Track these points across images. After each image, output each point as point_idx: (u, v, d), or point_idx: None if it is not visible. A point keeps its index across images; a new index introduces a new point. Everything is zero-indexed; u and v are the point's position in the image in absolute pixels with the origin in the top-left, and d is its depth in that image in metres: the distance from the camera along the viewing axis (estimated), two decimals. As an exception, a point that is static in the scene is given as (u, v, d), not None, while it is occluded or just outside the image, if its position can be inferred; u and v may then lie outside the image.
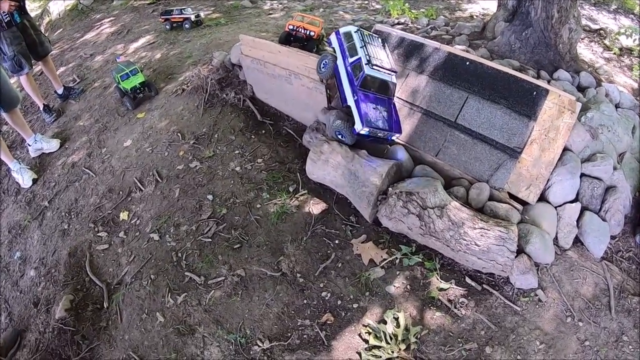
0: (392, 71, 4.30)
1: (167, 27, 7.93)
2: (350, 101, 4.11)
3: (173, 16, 7.83)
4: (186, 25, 7.83)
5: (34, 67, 5.97)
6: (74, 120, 6.05)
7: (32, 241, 4.72)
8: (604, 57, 6.51)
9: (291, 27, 5.59)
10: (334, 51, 4.43)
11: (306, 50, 5.49)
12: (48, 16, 10.83)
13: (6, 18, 5.27)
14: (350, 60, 4.19)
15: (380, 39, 4.55)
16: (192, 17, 7.78)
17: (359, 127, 3.98)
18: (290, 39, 5.63)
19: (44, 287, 4.26)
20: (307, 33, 5.51)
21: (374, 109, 4.10)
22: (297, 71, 4.72)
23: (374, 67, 4.11)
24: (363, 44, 4.21)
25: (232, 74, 5.77)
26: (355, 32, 4.33)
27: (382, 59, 4.26)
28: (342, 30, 4.45)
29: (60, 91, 6.45)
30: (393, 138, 4.32)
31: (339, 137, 4.30)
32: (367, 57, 4.12)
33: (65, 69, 7.49)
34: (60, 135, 5.86)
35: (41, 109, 6.18)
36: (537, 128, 3.98)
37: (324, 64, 4.41)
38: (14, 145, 5.98)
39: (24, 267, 4.54)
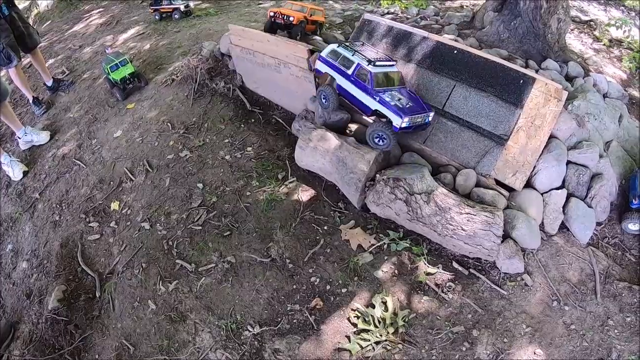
0: (393, 60, 4.30)
1: (157, 17, 7.89)
2: (375, 105, 3.99)
3: (162, 6, 7.79)
4: (175, 16, 7.80)
5: (22, 59, 5.93)
6: (63, 112, 6.03)
7: (24, 233, 4.72)
8: (593, 48, 6.55)
9: (272, 13, 5.66)
10: (328, 78, 4.39)
11: (290, 36, 5.54)
12: (36, 8, 10.72)
13: None
14: (350, 70, 4.14)
15: (362, 43, 4.55)
16: (182, 7, 7.75)
17: (398, 121, 3.84)
18: (274, 27, 5.69)
19: (36, 279, 4.27)
20: (286, 19, 5.52)
21: (399, 100, 4.01)
22: (285, 60, 4.74)
23: (377, 64, 4.07)
24: (353, 52, 4.20)
25: (221, 63, 5.78)
26: (338, 47, 4.33)
27: (377, 56, 4.25)
28: (324, 53, 4.41)
29: (49, 83, 6.41)
30: (429, 119, 4.17)
31: (379, 142, 4.09)
32: (365, 59, 4.10)
33: (54, 61, 7.43)
34: (50, 127, 5.83)
35: (30, 101, 6.13)
36: (523, 116, 4.02)
37: (324, 96, 4.37)
38: (3, 138, 5.95)
39: (16, 260, 4.54)
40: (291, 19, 5.50)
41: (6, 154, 5.33)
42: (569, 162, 4.17)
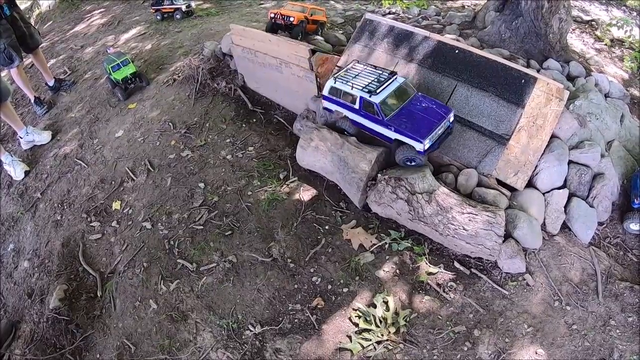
0: (392, 74, 4.11)
1: (158, 17, 7.90)
2: (393, 134, 3.91)
3: (164, 7, 7.80)
4: (177, 16, 7.80)
5: (24, 59, 5.94)
6: (65, 112, 6.04)
7: (25, 233, 4.73)
8: (595, 47, 6.54)
9: (272, 14, 5.68)
10: (340, 116, 4.30)
11: (291, 36, 5.56)
12: (38, 8, 10.74)
13: None
14: (357, 105, 4.03)
15: (355, 62, 4.41)
16: (183, 8, 7.75)
17: (419, 146, 3.75)
18: (275, 27, 5.71)
19: (37, 278, 4.28)
20: (286, 19, 5.55)
21: (413, 120, 3.87)
22: (287, 60, 4.74)
23: (379, 91, 3.92)
24: (350, 85, 4.02)
25: (223, 63, 5.79)
26: (334, 83, 4.15)
27: (375, 75, 4.10)
28: (325, 92, 4.26)
29: (51, 83, 6.43)
30: (451, 120, 4.04)
31: (411, 163, 3.99)
32: (365, 89, 3.95)
33: (55, 61, 7.45)
34: (51, 127, 5.85)
35: (32, 101, 6.16)
36: (525, 115, 4.02)
37: (344, 129, 4.30)
38: (5, 138, 5.96)
39: (18, 259, 4.56)
40: (291, 19, 5.52)
41: (8, 154, 5.35)
42: (570, 162, 4.16)
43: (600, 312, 3.52)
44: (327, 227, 4.15)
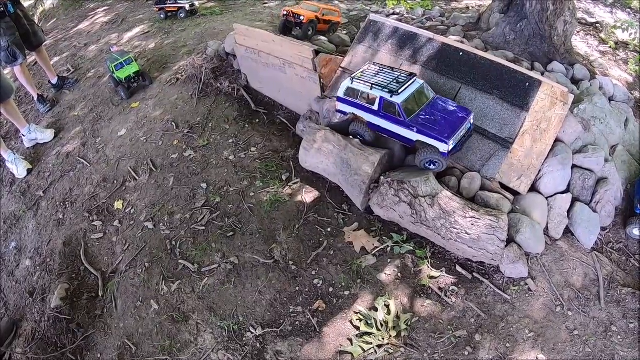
0: (412, 75, 4.01)
1: (162, 16, 7.88)
2: (415, 136, 3.83)
3: (167, 5, 7.79)
4: (181, 15, 7.80)
5: (27, 57, 5.94)
6: (68, 110, 6.04)
7: (27, 231, 4.74)
8: (599, 50, 6.52)
9: (285, 12, 5.74)
10: (353, 117, 4.19)
11: (301, 34, 5.64)
12: (42, 6, 10.75)
13: (0, 9, 5.23)
14: (375, 106, 3.92)
15: (371, 64, 4.29)
16: (187, 6, 7.74)
17: (444, 147, 3.68)
18: (288, 26, 5.78)
19: (39, 277, 4.29)
20: (296, 17, 5.60)
21: (435, 121, 3.80)
22: (291, 60, 4.73)
23: (401, 91, 3.82)
24: (370, 85, 3.91)
25: (226, 63, 5.78)
26: (352, 83, 4.02)
27: (393, 77, 3.99)
28: (340, 92, 4.14)
29: (54, 81, 6.43)
30: (471, 124, 3.99)
31: (432, 166, 3.93)
32: (385, 89, 3.85)
33: (59, 59, 7.45)
34: (54, 125, 5.85)
35: (35, 99, 6.16)
36: (529, 119, 4.01)
37: (358, 133, 4.20)
38: (8, 136, 5.97)
39: (20, 257, 4.56)
40: (301, 17, 5.55)
41: (10, 152, 5.36)
42: (574, 166, 4.15)
43: (602, 318, 3.51)
44: (329, 230, 4.15)
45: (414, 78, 3.99)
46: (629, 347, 3.33)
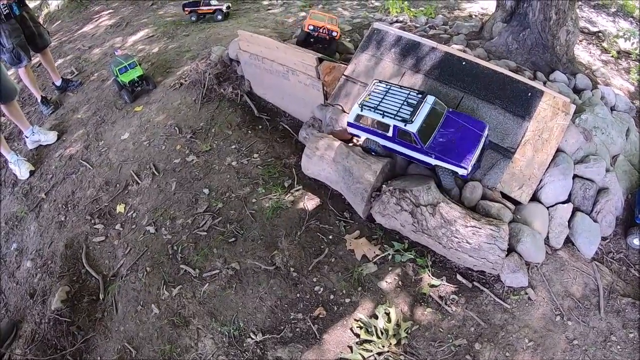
0: (422, 94, 3.92)
1: (193, 18, 7.80)
2: (432, 161, 3.84)
3: (201, 8, 7.76)
4: (218, 17, 7.76)
5: (32, 59, 5.96)
6: (71, 113, 6.07)
7: (29, 233, 4.75)
8: (601, 59, 6.54)
9: (311, 27, 5.38)
10: (371, 142, 4.14)
11: (328, 52, 5.40)
12: (47, 8, 10.78)
13: (5, 10, 5.25)
14: (390, 133, 3.87)
15: (377, 81, 4.18)
16: (224, 8, 7.75)
17: (463, 171, 3.71)
18: (310, 40, 5.50)
19: (40, 279, 4.30)
20: (330, 34, 5.41)
21: (452, 144, 3.78)
22: (294, 67, 4.76)
23: (414, 118, 3.74)
24: (381, 112, 3.83)
25: (230, 69, 5.81)
26: (361, 110, 3.93)
27: (403, 98, 3.90)
28: (350, 119, 4.07)
29: (58, 83, 6.46)
30: (487, 138, 3.96)
31: (453, 183, 4.00)
32: (397, 117, 3.77)
33: (63, 61, 7.48)
34: (57, 127, 5.87)
35: (39, 101, 6.18)
36: (530, 129, 4.03)
37: (372, 150, 4.20)
38: (11, 137, 5.99)
39: (21, 259, 4.57)
40: (334, 34, 5.35)
41: (13, 153, 5.37)
42: (575, 176, 4.16)
43: (602, 328, 3.52)
44: (330, 237, 4.16)
45: (425, 97, 3.90)
46: (629, 357, 3.34)
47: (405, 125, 3.74)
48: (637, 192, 4.33)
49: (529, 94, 4.08)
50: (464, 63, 4.35)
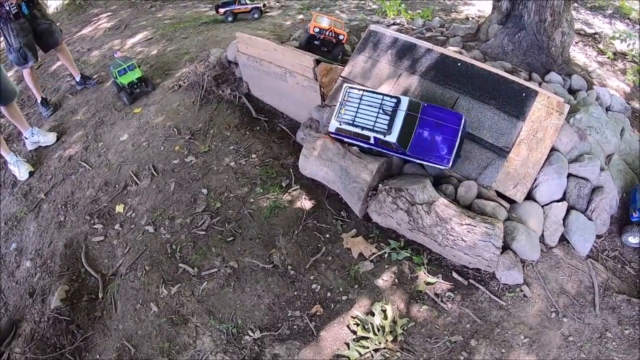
0: (395, 99, 3.93)
1: (229, 19, 7.79)
2: (416, 160, 4.04)
3: (237, 7, 7.78)
4: (254, 15, 7.82)
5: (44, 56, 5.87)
6: (70, 114, 6.09)
7: (28, 233, 4.77)
8: (597, 61, 6.60)
9: (317, 29, 5.36)
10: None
11: (332, 56, 5.41)
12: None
13: (14, 10, 5.26)
14: (372, 141, 3.99)
15: (349, 87, 4.12)
16: (261, 6, 7.82)
17: (446, 166, 3.87)
18: (313, 43, 5.48)
19: (39, 278, 4.32)
20: (337, 37, 5.39)
21: (431, 143, 3.90)
22: (292, 69, 4.80)
23: (392, 129, 3.83)
24: (359, 126, 3.93)
25: (228, 71, 5.85)
26: (340, 125, 4.05)
27: (378, 106, 3.94)
28: (331, 129, 4.17)
29: (77, 78, 6.46)
30: (464, 128, 4.00)
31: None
32: (375, 129, 3.87)
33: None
34: (57, 128, 5.90)
35: (39, 102, 6.20)
36: (525, 128, 4.07)
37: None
38: (10, 138, 6.01)
39: (20, 258, 4.59)
40: (341, 37, 5.30)
41: (13, 154, 5.38)
42: (569, 175, 4.20)
43: (597, 325, 3.55)
44: (327, 236, 4.19)
45: (399, 102, 3.92)
46: (624, 353, 3.37)
47: (384, 137, 3.85)
48: (632, 191, 4.36)
49: (524, 94, 4.12)
50: (459, 64, 4.39)
